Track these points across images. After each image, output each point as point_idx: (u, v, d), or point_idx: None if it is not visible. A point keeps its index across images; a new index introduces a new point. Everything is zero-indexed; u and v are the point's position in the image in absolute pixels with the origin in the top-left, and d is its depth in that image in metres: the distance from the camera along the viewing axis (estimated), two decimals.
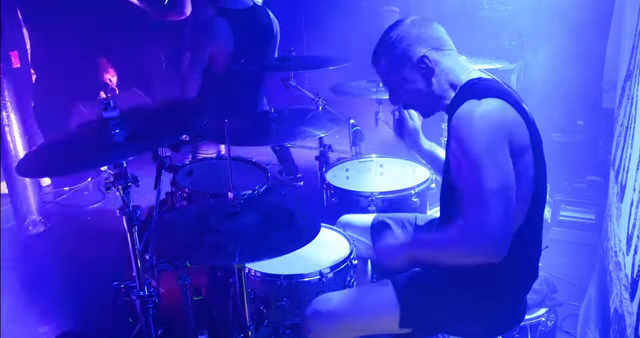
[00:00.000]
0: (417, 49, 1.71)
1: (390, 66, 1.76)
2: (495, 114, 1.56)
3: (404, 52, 1.72)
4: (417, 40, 1.71)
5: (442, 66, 1.72)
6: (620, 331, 1.89)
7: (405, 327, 1.76)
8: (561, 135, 4.00)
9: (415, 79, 1.73)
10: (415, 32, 1.72)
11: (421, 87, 1.74)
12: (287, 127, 2.48)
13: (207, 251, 1.52)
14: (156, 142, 1.74)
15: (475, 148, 1.52)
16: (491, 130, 1.54)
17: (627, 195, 2.12)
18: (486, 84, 1.66)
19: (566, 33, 3.80)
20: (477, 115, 1.55)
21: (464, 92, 1.67)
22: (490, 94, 1.60)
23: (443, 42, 1.74)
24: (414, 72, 1.72)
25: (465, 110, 1.58)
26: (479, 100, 1.57)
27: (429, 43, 1.71)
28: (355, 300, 1.81)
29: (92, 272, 3.40)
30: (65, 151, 1.73)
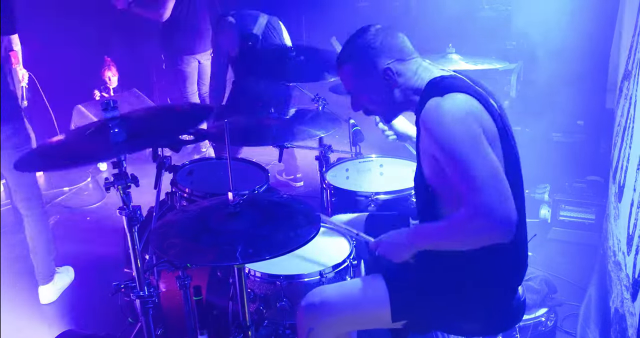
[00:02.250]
0: (382, 60, 1.75)
1: (354, 73, 1.79)
2: (461, 105, 1.61)
3: (369, 61, 1.75)
4: (381, 50, 1.74)
5: (406, 76, 1.76)
6: (621, 331, 1.89)
7: (398, 321, 1.76)
8: (561, 135, 4.00)
9: (378, 88, 1.78)
10: (380, 42, 1.75)
11: (384, 96, 1.79)
12: (287, 127, 2.48)
13: (207, 251, 1.52)
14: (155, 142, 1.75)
15: (452, 140, 1.56)
16: (461, 120, 1.58)
17: (627, 195, 2.11)
18: (448, 81, 1.71)
19: (566, 33, 3.80)
20: (443, 109, 1.59)
21: (427, 92, 1.71)
22: (452, 89, 1.64)
23: (407, 52, 1.77)
24: (378, 81, 1.77)
25: (430, 108, 1.62)
26: (442, 96, 1.62)
27: (393, 54, 1.75)
28: (347, 293, 1.82)
29: (92, 271, 3.41)
30: (64, 148, 1.73)
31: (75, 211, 4.29)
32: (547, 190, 3.74)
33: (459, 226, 1.57)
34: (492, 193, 1.50)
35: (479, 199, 1.50)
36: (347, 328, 1.85)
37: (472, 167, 1.53)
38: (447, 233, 1.62)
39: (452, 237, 1.61)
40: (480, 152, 1.55)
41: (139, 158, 3.67)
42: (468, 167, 1.53)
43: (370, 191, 2.46)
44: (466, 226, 1.54)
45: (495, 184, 1.51)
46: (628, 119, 2.28)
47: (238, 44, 3.55)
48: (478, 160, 1.54)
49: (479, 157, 1.54)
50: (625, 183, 2.18)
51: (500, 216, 1.49)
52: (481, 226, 1.51)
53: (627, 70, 2.53)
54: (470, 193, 1.52)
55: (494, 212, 1.49)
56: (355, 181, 2.70)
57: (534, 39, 3.98)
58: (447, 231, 1.61)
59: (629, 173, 2.12)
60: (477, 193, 1.51)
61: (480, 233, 1.53)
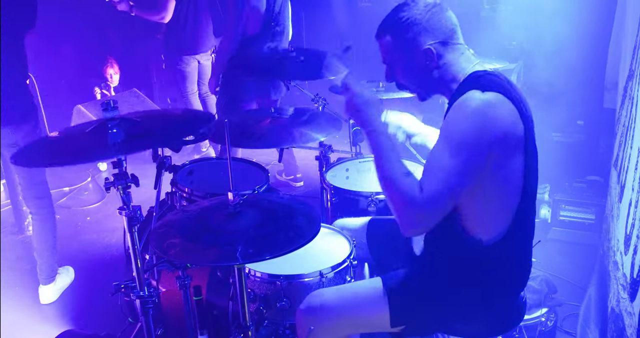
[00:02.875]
0: (425, 39, 1.67)
1: (394, 46, 1.72)
2: (492, 111, 1.55)
3: (412, 38, 1.68)
4: (427, 29, 1.67)
5: (446, 59, 1.70)
6: (617, 331, 1.89)
7: (397, 325, 1.75)
8: (561, 135, 4.01)
9: (416, 66, 1.71)
10: (428, 19, 1.67)
11: (420, 76, 1.73)
12: (286, 130, 2.47)
13: (207, 251, 1.52)
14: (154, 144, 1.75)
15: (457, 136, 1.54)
16: (479, 128, 1.54)
17: (626, 195, 2.12)
18: (490, 77, 1.65)
19: (566, 32, 3.80)
20: (474, 106, 1.55)
21: (468, 82, 1.66)
22: (493, 87, 1.59)
23: (451, 35, 1.70)
24: (417, 59, 1.70)
25: (466, 99, 1.57)
26: (482, 92, 1.57)
27: (438, 35, 1.68)
28: (346, 297, 1.81)
29: (92, 272, 3.41)
30: (62, 146, 1.73)
31: (75, 211, 4.29)
32: (547, 190, 3.74)
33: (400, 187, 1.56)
34: (434, 190, 1.51)
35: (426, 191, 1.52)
36: (346, 332, 1.84)
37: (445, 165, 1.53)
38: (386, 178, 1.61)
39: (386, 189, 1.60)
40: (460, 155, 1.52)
41: (139, 158, 3.68)
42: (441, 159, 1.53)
43: (370, 191, 2.46)
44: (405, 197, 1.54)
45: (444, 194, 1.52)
46: (630, 119, 2.28)
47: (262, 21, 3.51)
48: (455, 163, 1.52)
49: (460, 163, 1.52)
50: (626, 183, 2.18)
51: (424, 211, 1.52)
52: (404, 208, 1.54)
53: (630, 71, 2.53)
54: (425, 175, 1.55)
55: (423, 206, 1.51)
56: (355, 181, 2.70)
57: (534, 39, 3.98)
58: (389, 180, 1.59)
59: (629, 173, 2.13)
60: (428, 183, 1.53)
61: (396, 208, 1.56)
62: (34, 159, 1.75)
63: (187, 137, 1.76)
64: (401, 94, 3.00)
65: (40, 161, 1.78)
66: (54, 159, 1.73)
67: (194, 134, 1.76)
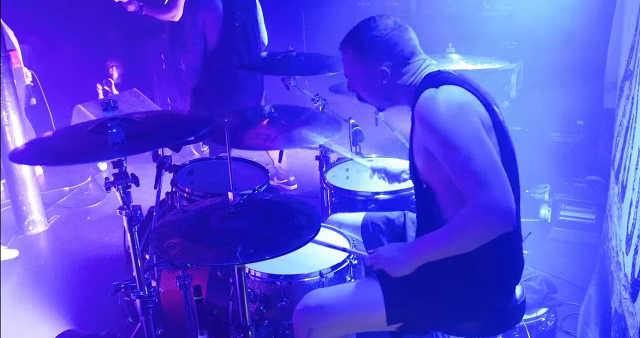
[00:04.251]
0: (382, 59, 1.74)
1: (354, 60, 1.79)
2: (457, 96, 1.61)
3: (372, 55, 1.75)
4: (386, 50, 1.73)
5: (404, 77, 1.76)
6: (620, 331, 1.89)
7: (393, 324, 1.75)
8: (561, 135, 4.01)
9: (373, 82, 1.78)
10: (388, 40, 1.73)
11: (376, 91, 1.80)
12: (286, 131, 2.46)
13: (207, 251, 1.52)
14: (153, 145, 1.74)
15: (451, 132, 1.55)
16: (459, 111, 1.58)
17: (627, 195, 2.12)
18: (443, 75, 1.71)
19: (566, 33, 3.80)
20: (439, 100, 1.59)
21: (423, 85, 1.70)
22: (447, 82, 1.65)
23: (410, 56, 1.75)
24: (373, 76, 1.76)
25: (425, 99, 1.62)
26: (437, 88, 1.62)
27: (396, 57, 1.74)
28: (343, 297, 1.81)
29: (92, 271, 3.41)
30: (62, 146, 1.73)
31: (76, 211, 4.29)
32: (547, 190, 3.74)
33: (463, 225, 1.54)
34: (494, 187, 1.49)
35: (481, 193, 1.49)
36: (343, 331, 1.84)
37: (472, 160, 1.51)
38: (450, 236, 1.59)
39: (456, 239, 1.58)
40: (480, 144, 1.54)
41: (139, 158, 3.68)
42: (468, 160, 1.52)
43: (370, 191, 2.46)
44: (470, 223, 1.53)
45: (495, 177, 1.51)
46: (630, 118, 2.28)
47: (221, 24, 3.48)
48: (478, 152, 1.52)
49: (479, 148, 1.53)
50: (627, 184, 2.18)
51: (503, 208, 1.49)
52: (485, 220, 1.50)
53: (628, 70, 2.53)
54: (472, 188, 1.51)
55: (496, 204, 1.49)
56: (355, 181, 2.70)
57: (534, 39, 3.99)
58: (450, 233, 1.58)
59: (630, 173, 2.13)
60: (479, 187, 1.50)
61: (484, 227, 1.52)
62: (33, 159, 1.75)
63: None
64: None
65: (40, 161, 1.78)
66: (54, 158, 1.73)
67: (194, 134, 1.76)
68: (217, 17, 3.43)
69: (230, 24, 3.48)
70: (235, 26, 3.49)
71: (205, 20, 3.42)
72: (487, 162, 1.52)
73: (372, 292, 1.77)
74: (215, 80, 3.56)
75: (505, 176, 1.53)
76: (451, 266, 1.69)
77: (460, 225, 1.56)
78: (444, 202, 1.70)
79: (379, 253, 1.76)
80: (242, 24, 3.55)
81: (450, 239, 1.59)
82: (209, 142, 4.02)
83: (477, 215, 1.51)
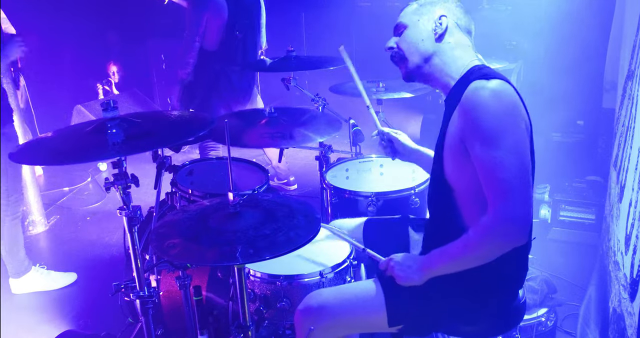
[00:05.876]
0: (444, 11, 1.73)
1: (415, 10, 1.76)
2: (509, 94, 1.56)
3: (433, 5, 1.74)
4: (448, 6, 1.74)
5: (452, 40, 1.72)
6: (619, 331, 1.89)
7: (395, 325, 1.75)
8: (561, 135, 4.01)
9: (424, 30, 1.72)
10: (451, 1, 1.75)
11: (423, 40, 1.72)
12: (285, 130, 2.46)
13: (207, 251, 1.52)
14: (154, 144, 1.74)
15: (495, 131, 1.50)
16: (510, 110, 1.53)
17: (626, 195, 2.12)
18: (490, 69, 1.67)
19: (566, 33, 3.80)
20: (491, 94, 1.53)
21: (470, 75, 1.66)
22: (496, 76, 1.59)
23: (466, 27, 1.75)
24: (428, 24, 1.72)
25: (475, 90, 1.55)
26: (488, 80, 1.56)
27: (456, 16, 1.74)
28: (344, 298, 1.80)
29: (92, 271, 3.41)
30: (62, 146, 1.73)
31: (76, 211, 4.29)
32: (547, 190, 3.74)
33: (482, 236, 1.52)
34: (517, 199, 1.47)
35: (504, 204, 1.47)
36: (344, 332, 1.84)
37: (505, 168, 1.48)
38: (467, 247, 1.57)
39: (473, 250, 1.56)
40: (518, 152, 1.50)
41: (139, 158, 3.69)
42: (502, 167, 1.49)
43: (370, 191, 2.46)
44: (489, 235, 1.51)
45: (522, 188, 1.48)
46: (630, 119, 2.28)
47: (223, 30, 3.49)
48: (514, 159, 1.49)
49: (516, 157, 1.50)
50: (626, 183, 2.18)
51: (523, 223, 1.48)
52: (504, 234, 1.49)
53: (630, 70, 2.53)
54: (497, 196, 1.49)
55: (517, 219, 1.47)
56: (355, 181, 2.70)
57: (534, 39, 3.99)
58: (467, 244, 1.56)
59: (629, 173, 2.13)
60: (505, 197, 1.48)
61: (502, 241, 1.50)
62: (33, 158, 1.75)
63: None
64: (401, 93, 3.00)
65: (40, 160, 1.78)
66: (54, 158, 1.73)
67: (194, 135, 1.76)
68: (221, 22, 3.45)
69: (231, 32, 3.49)
70: (236, 35, 3.51)
71: (209, 22, 3.43)
72: (520, 173, 1.49)
73: (373, 293, 1.76)
74: (207, 78, 3.56)
75: (531, 190, 1.51)
76: None
77: (478, 237, 1.54)
78: (464, 204, 1.67)
79: (395, 260, 1.75)
80: (243, 32, 3.56)
81: (466, 251, 1.57)
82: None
83: (496, 227, 1.49)
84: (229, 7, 3.44)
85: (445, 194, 1.70)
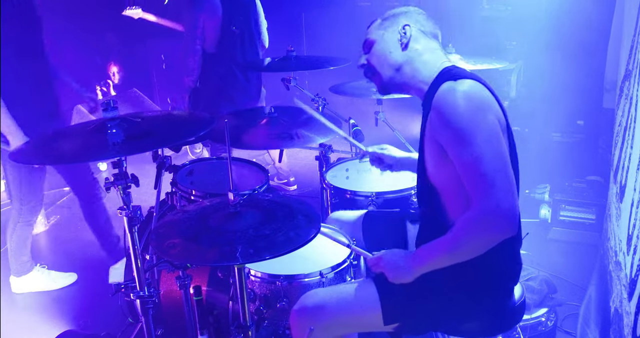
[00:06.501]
0: (406, 20, 1.78)
1: (379, 25, 1.81)
2: (477, 92, 1.60)
3: (395, 18, 1.79)
4: (410, 16, 1.79)
5: (419, 46, 1.76)
6: (619, 331, 1.89)
7: (390, 324, 1.75)
8: (561, 135, 4.01)
9: (390, 42, 1.77)
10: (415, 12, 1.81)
11: (392, 51, 1.76)
12: (285, 131, 2.46)
13: (207, 251, 1.52)
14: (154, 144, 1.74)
15: (468, 128, 1.53)
16: (479, 107, 1.57)
17: (627, 195, 2.12)
18: (459, 69, 1.70)
19: (566, 33, 3.80)
20: (459, 93, 1.57)
21: (440, 77, 1.69)
22: (465, 76, 1.63)
23: (431, 32, 1.79)
24: (393, 36, 1.77)
25: (445, 91, 1.60)
26: (455, 81, 1.60)
27: (420, 24, 1.78)
28: (339, 297, 1.80)
29: (92, 271, 3.41)
30: (62, 146, 1.73)
31: (76, 211, 4.28)
32: (547, 190, 3.74)
33: (467, 229, 1.53)
34: (501, 191, 1.49)
35: (487, 197, 1.49)
36: (341, 331, 1.84)
37: (483, 161, 1.50)
38: (454, 242, 1.57)
39: (460, 244, 1.56)
40: (494, 145, 1.53)
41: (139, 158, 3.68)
42: (480, 161, 1.51)
43: (370, 191, 2.46)
44: (475, 227, 1.52)
45: (504, 181, 1.50)
46: (629, 118, 2.28)
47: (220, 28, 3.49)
48: (491, 153, 1.51)
49: (492, 150, 1.52)
50: (626, 183, 2.18)
51: (508, 214, 1.49)
52: (490, 225, 1.50)
53: (627, 71, 2.53)
54: (479, 190, 1.51)
55: (502, 210, 1.48)
56: (355, 181, 2.70)
57: (534, 39, 3.99)
58: (454, 239, 1.57)
59: (630, 173, 2.13)
60: (487, 190, 1.49)
61: (489, 233, 1.51)
62: (33, 158, 1.75)
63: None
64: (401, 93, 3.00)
65: (40, 160, 1.78)
66: (54, 158, 1.73)
67: (194, 135, 1.76)
68: (217, 20, 3.44)
69: (228, 29, 3.49)
70: (233, 30, 3.50)
71: (206, 22, 3.42)
72: (498, 165, 1.51)
73: (368, 292, 1.77)
74: (214, 82, 3.57)
75: (513, 181, 1.52)
76: (448, 267, 1.69)
77: (464, 230, 1.55)
78: (449, 203, 1.69)
79: (382, 257, 1.75)
80: (239, 28, 3.55)
81: (454, 245, 1.58)
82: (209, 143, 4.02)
83: (482, 219, 1.50)
84: (223, 6, 3.44)
85: (430, 193, 1.73)
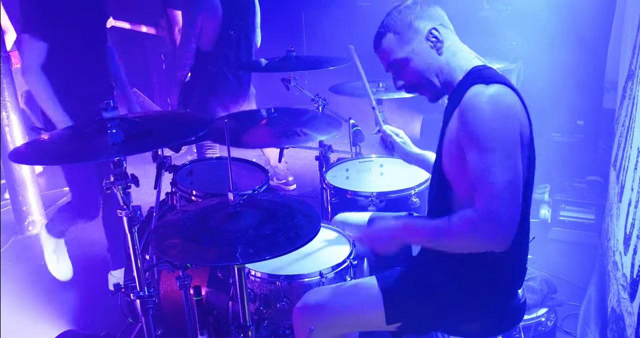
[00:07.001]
0: (425, 23, 1.70)
1: (398, 40, 1.72)
2: (505, 100, 1.56)
3: (411, 24, 1.70)
4: (423, 15, 1.70)
5: (450, 42, 1.72)
6: (618, 331, 1.89)
7: (392, 323, 1.75)
8: (561, 135, 4.01)
9: (425, 52, 1.70)
10: (420, 8, 1.71)
11: (431, 62, 1.71)
12: (285, 130, 2.46)
13: (207, 251, 1.52)
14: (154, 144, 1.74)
15: (487, 135, 1.51)
16: (503, 115, 1.54)
17: (626, 195, 2.12)
18: (491, 71, 1.67)
19: (566, 33, 3.80)
20: (486, 100, 1.53)
21: (470, 76, 1.66)
22: (497, 80, 1.59)
23: (447, 23, 1.75)
24: (423, 45, 1.70)
25: (473, 95, 1.56)
26: (487, 85, 1.57)
27: (435, 19, 1.72)
28: (342, 296, 1.80)
29: (92, 271, 3.41)
30: (62, 146, 1.73)
31: None
32: (547, 190, 3.74)
33: (460, 227, 1.53)
34: (504, 203, 1.47)
35: (489, 207, 1.48)
36: (343, 330, 1.84)
37: (494, 172, 1.49)
38: (443, 232, 1.56)
39: (447, 237, 1.56)
40: (509, 158, 1.51)
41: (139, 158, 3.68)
42: (491, 170, 1.49)
43: (370, 191, 2.46)
44: (467, 228, 1.51)
45: (509, 194, 1.48)
46: (630, 119, 2.28)
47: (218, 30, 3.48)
48: (504, 164, 1.50)
49: (506, 162, 1.50)
50: (626, 183, 2.18)
51: (504, 227, 1.47)
52: (482, 233, 1.49)
53: (630, 71, 2.53)
54: (484, 197, 1.49)
55: (499, 221, 1.47)
56: (355, 181, 2.70)
57: (534, 39, 3.99)
58: (444, 230, 1.56)
59: (629, 173, 2.13)
60: (490, 200, 1.48)
61: (478, 239, 1.50)
62: (33, 159, 1.75)
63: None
64: (401, 93, 3.00)
65: (40, 160, 1.78)
66: (54, 158, 1.73)
67: (194, 135, 1.76)
68: (216, 21, 3.44)
69: (226, 31, 3.48)
70: (230, 34, 3.50)
71: (204, 23, 3.42)
72: (509, 178, 1.49)
73: (371, 291, 1.77)
74: (204, 79, 3.56)
75: (519, 198, 1.50)
76: (452, 268, 1.69)
77: (457, 227, 1.54)
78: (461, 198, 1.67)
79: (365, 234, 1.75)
80: (237, 32, 3.55)
81: (441, 235, 1.57)
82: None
83: (477, 224, 1.49)
84: (223, 7, 3.44)
85: (442, 188, 1.72)
